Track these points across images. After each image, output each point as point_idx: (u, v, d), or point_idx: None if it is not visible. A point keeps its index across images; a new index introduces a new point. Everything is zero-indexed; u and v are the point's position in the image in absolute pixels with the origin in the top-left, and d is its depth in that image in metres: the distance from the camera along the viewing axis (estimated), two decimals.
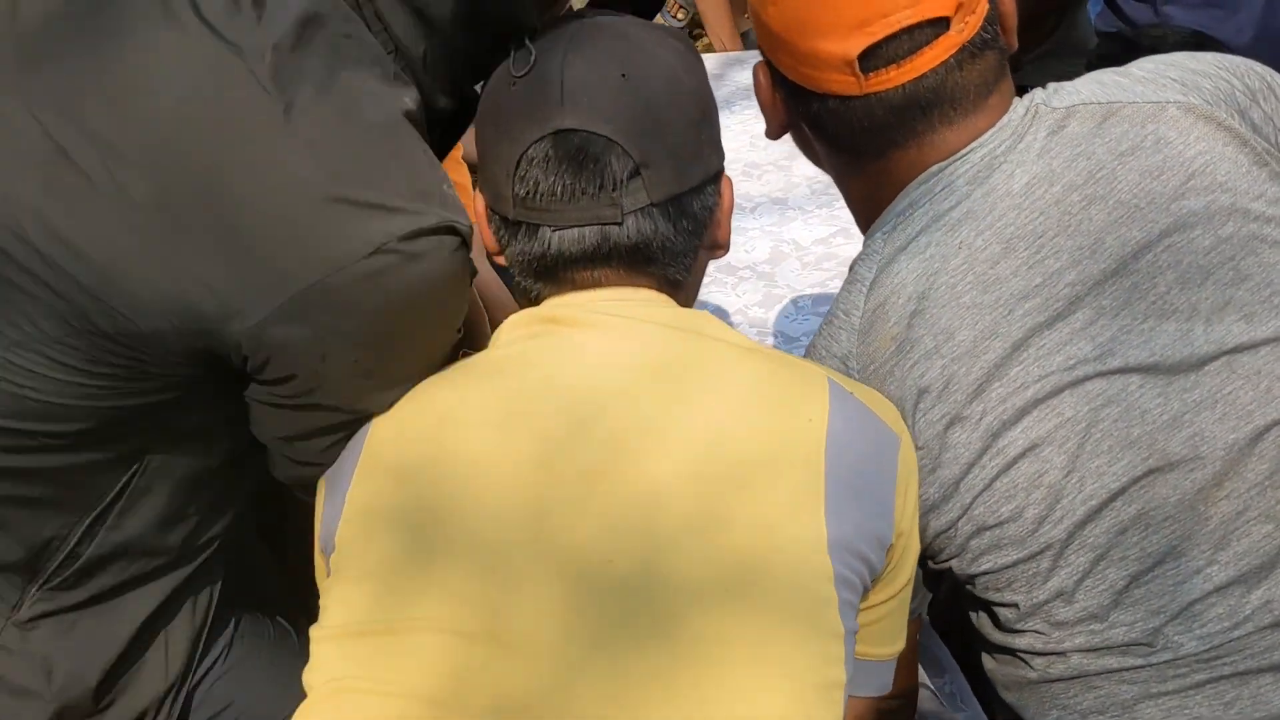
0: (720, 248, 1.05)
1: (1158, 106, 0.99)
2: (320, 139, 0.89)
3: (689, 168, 0.98)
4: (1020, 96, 1.04)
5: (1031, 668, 1.01)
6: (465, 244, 0.95)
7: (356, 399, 0.97)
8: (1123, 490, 0.96)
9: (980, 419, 0.97)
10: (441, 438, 0.93)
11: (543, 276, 0.99)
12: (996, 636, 1.04)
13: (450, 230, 0.93)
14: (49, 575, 1.06)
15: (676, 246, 0.98)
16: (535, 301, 1.01)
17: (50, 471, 1.02)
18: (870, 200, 1.07)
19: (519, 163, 0.96)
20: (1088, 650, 0.98)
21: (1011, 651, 1.03)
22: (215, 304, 0.90)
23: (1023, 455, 0.97)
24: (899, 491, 0.94)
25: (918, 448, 0.99)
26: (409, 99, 0.97)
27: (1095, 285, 0.97)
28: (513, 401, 0.92)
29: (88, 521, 1.05)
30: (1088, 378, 0.96)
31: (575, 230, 0.96)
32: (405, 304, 0.93)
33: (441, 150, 1.07)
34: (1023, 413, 0.97)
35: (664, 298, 0.99)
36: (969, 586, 1.03)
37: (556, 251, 0.97)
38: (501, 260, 1.04)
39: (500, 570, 0.87)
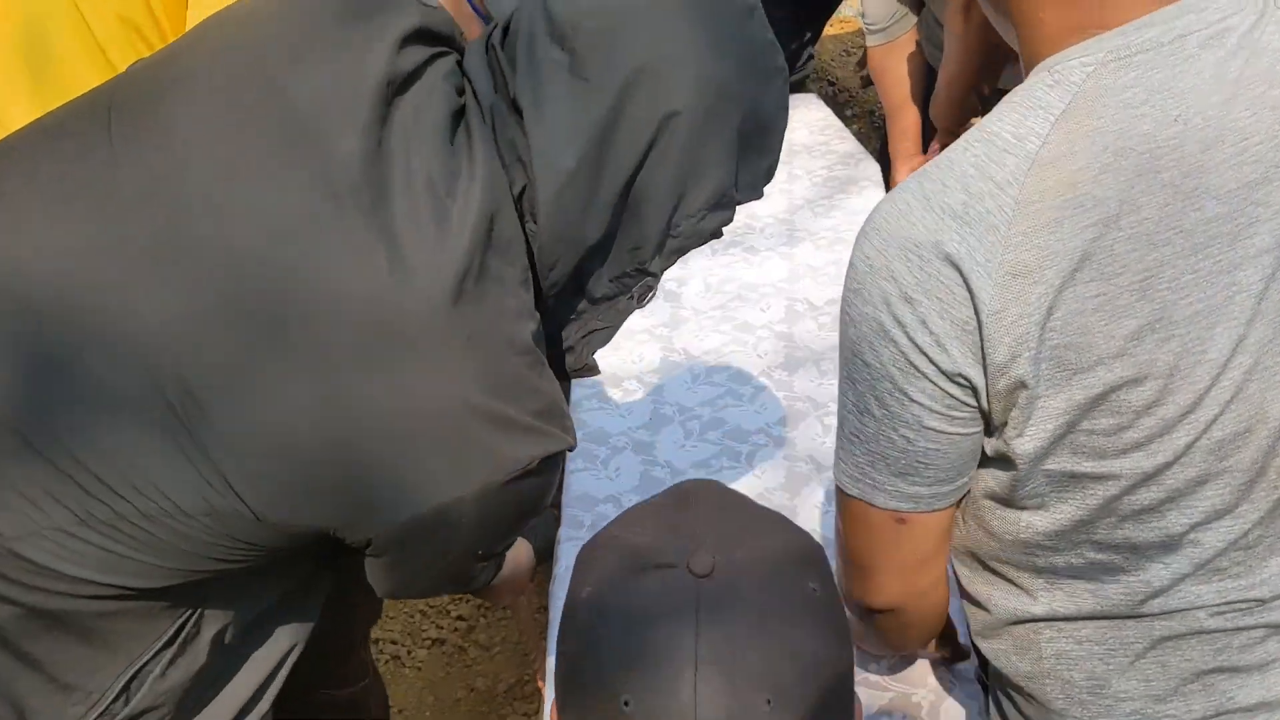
0: None
1: None
2: (488, 366, 0.92)
3: None
4: None
5: (1034, 600, 1.01)
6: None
7: (461, 569, 1.04)
8: (1220, 443, 0.91)
9: (1130, 316, 0.88)
10: None
11: None
12: (995, 549, 1.02)
13: (567, 448, 0.99)
14: None
15: None
16: None
17: (96, 616, 0.96)
18: (1062, 30, 0.92)
19: None
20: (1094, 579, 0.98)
21: (1014, 565, 1.01)
22: (360, 511, 0.94)
23: (1155, 378, 0.89)
24: None
25: (1050, 312, 0.88)
26: (535, 324, 1.00)
27: (1277, 214, 0.88)
28: None
29: (132, 673, 0.99)
30: (1241, 321, 0.89)
31: None
32: (527, 507, 1.00)
33: None
34: (1173, 331, 0.88)
35: None
36: (1013, 485, 0.97)
37: None
38: None
39: None
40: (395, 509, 0.93)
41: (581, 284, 1.05)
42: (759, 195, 1.08)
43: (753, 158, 1.04)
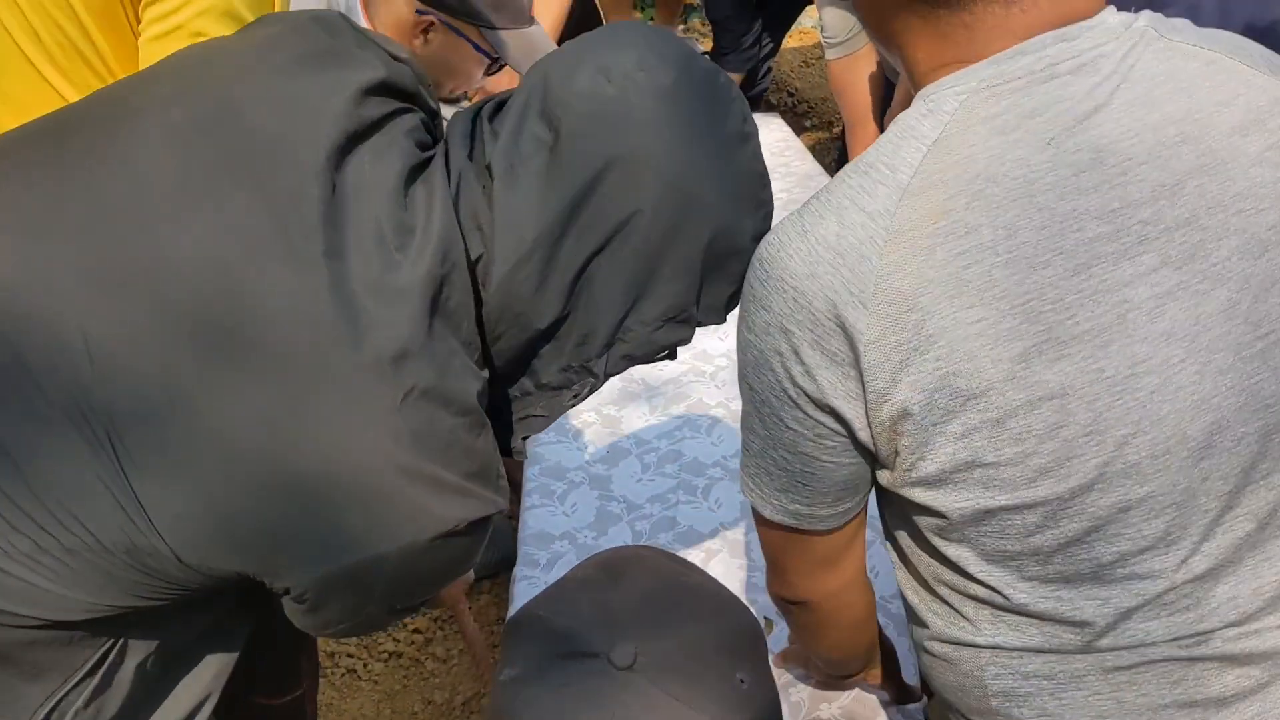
0: None
1: (1253, 71, 0.94)
2: (422, 425, 0.91)
3: None
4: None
5: (977, 630, 1.00)
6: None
7: (378, 619, 1.03)
8: (1136, 466, 0.90)
9: (1016, 339, 0.88)
10: None
11: None
12: (935, 572, 1.01)
13: (497, 511, 0.98)
14: None
15: None
16: None
17: (14, 645, 0.95)
18: (937, 65, 0.94)
19: None
20: (1041, 618, 0.96)
21: (957, 597, 1.00)
22: (281, 560, 0.93)
23: (1050, 399, 0.89)
24: None
25: (933, 339, 0.89)
26: (480, 384, 0.98)
27: (1166, 231, 0.89)
28: None
29: (54, 703, 0.97)
30: (1138, 338, 0.89)
31: None
32: (450, 567, 0.99)
33: None
34: (1062, 350, 0.89)
35: None
36: (934, 518, 0.97)
37: None
38: None
39: None
40: (316, 560, 0.92)
41: (528, 361, 1.05)
42: (721, 320, 1.07)
43: (719, 281, 1.04)
